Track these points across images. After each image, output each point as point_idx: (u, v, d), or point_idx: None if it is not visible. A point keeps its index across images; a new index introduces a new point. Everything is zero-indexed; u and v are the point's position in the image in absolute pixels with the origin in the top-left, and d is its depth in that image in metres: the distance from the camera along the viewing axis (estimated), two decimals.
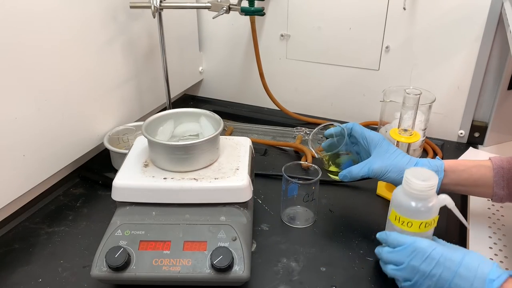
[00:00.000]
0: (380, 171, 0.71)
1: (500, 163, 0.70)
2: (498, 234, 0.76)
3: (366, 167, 0.72)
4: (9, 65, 0.71)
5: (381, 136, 0.74)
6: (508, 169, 0.69)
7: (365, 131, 0.75)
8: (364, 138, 0.74)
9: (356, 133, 0.75)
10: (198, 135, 0.77)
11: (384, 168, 0.71)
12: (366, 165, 0.72)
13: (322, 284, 0.66)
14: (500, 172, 0.69)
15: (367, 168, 0.72)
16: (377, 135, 0.74)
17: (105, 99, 0.93)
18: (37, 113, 0.78)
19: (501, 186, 0.69)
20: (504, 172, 0.69)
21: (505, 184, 0.69)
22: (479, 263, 0.57)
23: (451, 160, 0.73)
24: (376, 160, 0.72)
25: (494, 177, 0.69)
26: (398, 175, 0.70)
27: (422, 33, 1.00)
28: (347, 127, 0.76)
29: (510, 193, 0.69)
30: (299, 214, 0.79)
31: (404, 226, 0.64)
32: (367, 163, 0.72)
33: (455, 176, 0.70)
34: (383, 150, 0.72)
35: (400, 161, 0.71)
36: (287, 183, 0.75)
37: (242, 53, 1.21)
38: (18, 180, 0.77)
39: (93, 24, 0.86)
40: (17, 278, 0.67)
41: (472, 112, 1.03)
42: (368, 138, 0.74)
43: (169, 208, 0.67)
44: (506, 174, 0.69)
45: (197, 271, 0.60)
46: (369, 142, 0.74)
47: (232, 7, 0.94)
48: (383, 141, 0.73)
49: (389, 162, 0.71)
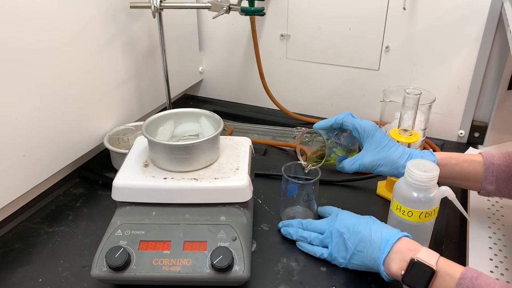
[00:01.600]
0: (371, 165, 0.71)
1: (491, 159, 0.71)
2: (498, 234, 0.76)
3: (357, 163, 0.72)
4: (9, 65, 0.71)
5: (374, 126, 0.72)
6: (499, 165, 0.70)
7: (355, 122, 0.73)
8: (356, 129, 0.73)
9: (348, 126, 0.73)
10: (198, 135, 0.77)
11: (375, 162, 0.71)
12: (357, 160, 0.72)
13: (322, 284, 0.66)
14: (491, 168, 0.70)
15: (358, 164, 0.72)
16: (369, 125, 0.72)
17: (105, 99, 0.93)
18: (37, 113, 0.78)
19: (490, 181, 0.70)
20: (494, 168, 0.70)
21: (494, 180, 0.70)
22: (382, 229, 0.63)
23: (443, 152, 0.74)
24: (367, 154, 0.72)
25: (484, 172, 0.70)
26: (390, 168, 0.71)
27: (422, 33, 1.00)
28: (337, 119, 0.73)
29: (498, 189, 0.71)
30: (299, 214, 0.79)
31: (405, 216, 0.66)
32: (358, 158, 0.72)
33: (447, 170, 0.71)
34: (375, 143, 0.71)
35: (392, 154, 0.71)
36: (287, 183, 0.75)
37: (242, 53, 1.21)
38: (18, 180, 0.77)
39: (93, 24, 0.86)
40: (17, 278, 0.67)
41: (472, 112, 1.03)
42: (359, 129, 0.72)
43: (169, 208, 0.67)
44: (496, 170, 0.70)
45: (197, 271, 0.60)
46: (361, 133, 0.72)
47: (232, 7, 0.94)
48: (375, 132, 0.72)
49: (380, 155, 0.71)
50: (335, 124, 0.74)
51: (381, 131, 0.73)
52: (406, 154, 0.71)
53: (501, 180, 0.70)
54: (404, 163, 0.70)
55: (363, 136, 0.72)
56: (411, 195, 0.65)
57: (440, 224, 0.76)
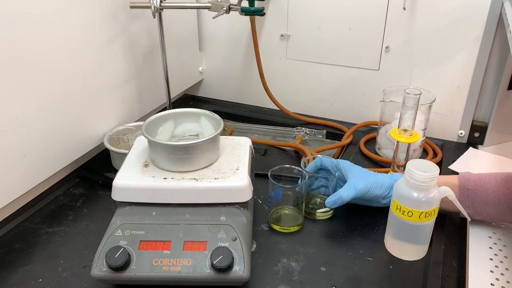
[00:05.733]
0: (365, 189, 0.74)
1: (466, 183, 0.72)
2: (498, 234, 0.76)
3: (353, 189, 0.74)
4: (9, 65, 0.71)
5: (349, 162, 0.80)
6: (473, 190, 0.72)
7: (333, 161, 0.80)
8: (338, 166, 0.79)
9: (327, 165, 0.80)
10: (198, 135, 0.77)
11: (368, 186, 0.74)
12: (351, 187, 0.74)
13: (322, 284, 0.66)
14: (465, 193, 0.72)
15: (354, 189, 0.74)
16: (345, 162, 0.80)
17: (105, 99, 0.93)
18: (37, 113, 0.78)
19: (467, 205, 0.72)
20: (469, 193, 0.72)
21: (470, 204, 0.72)
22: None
23: None
24: (357, 181, 0.75)
25: (460, 197, 0.72)
26: (380, 190, 0.74)
27: (422, 33, 1.00)
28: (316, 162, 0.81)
29: (476, 212, 0.72)
30: (287, 216, 0.78)
31: (405, 216, 0.66)
32: (351, 185, 0.74)
33: None
34: (358, 172, 0.77)
35: (380, 178, 0.75)
36: (273, 187, 0.75)
37: (242, 53, 1.21)
38: (18, 180, 0.77)
39: (93, 24, 0.86)
40: (17, 278, 0.67)
41: (472, 112, 1.03)
42: (341, 164, 0.79)
43: (169, 208, 0.67)
44: (471, 195, 0.72)
45: (197, 271, 0.60)
46: (344, 167, 0.78)
47: (232, 7, 0.94)
48: (352, 166, 0.79)
49: (370, 180, 0.75)
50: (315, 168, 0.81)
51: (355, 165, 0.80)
52: (392, 177, 0.76)
53: (477, 204, 0.72)
54: (391, 182, 0.74)
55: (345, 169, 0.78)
56: (411, 195, 0.65)
57: (440, 224, 0.76)
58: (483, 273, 0.68)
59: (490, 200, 0.71)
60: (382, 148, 0.99)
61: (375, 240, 0.74)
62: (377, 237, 0.75)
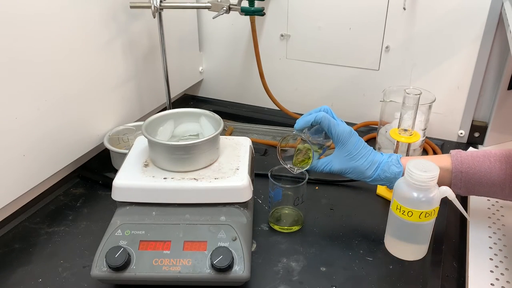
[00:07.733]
0: (340, 171, 0.73)
1: (460, 166, 0.71)
2: (498, 234, 0.76)
3: (328, 167, 0.73)
4: (9, 65, 0.71)
5: (348, 132, 0.71)
6: (466, 172, 0.71)
7: (331, 125, 0.71)
8: (330, 133, 0.72)
9: (324, 127, 0.72)
10: (198, 135, 0.77)
11: (343, 170, 0.73)
12: (328, 164, 0.73)
13: (322, 284, 0.66)
14: (459, 176, 0.71)
15: (328, 168, 0.73)
16: (343, 132, 0.71)
17: (105, 99, 0.93)
18: (37, 113, 0.78)
19: (458, 187, 0.72)
20: (462, 175, 0.71)
21: (462, 185, 0.72)
22: None
23: (411, 157, 0.74)
24: (337, 161, 0.73)
25: (453, 179, 0.72)
26: (357, 177, 0.73)
27: (422, 33, 1.00)
28: (316, 119, 0.72)
29: (467, 191, 0.72)
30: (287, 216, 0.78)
31: (405, 216, 0.67)
32: (329, 162, 0.73)
33: None
34: (345, 150, 0.71)
35: (361, 166, 0.71)
36: (273, 187, 0.75)
37: (242, 53, 1.21)
38: (18, 180, 0.77)
39: (93, 24, 0.86)
40: (17, 278, 0.67)
41: (472, 112, 1.03)
42: (334, 134, 0.71)
43: (169, 208, 0.67)
44: (464, 177, 0.71)
45: (197, 271, 0.60)
46: (334, 138, 0.72)
47: (232, 7, 0.94)
48: (348, 139, 0.71)
49: (348, 165, 0.72)
50: (314, 123, 0.73)
51: (356, 137, 0.72)
52: (374, 165, 0.72)
53: (470, 185, 0.71)
54: (371, 174, 0.72)
55: (336, 141, 0.72)
56: (411, 195, 0.65)
57: (440, 224, 0.76)
58: (483, 273, 0.68)
59: (483, 182, 0.71)
60: (382, 148, 0.99)
61: (375, 240, 0.74)
62: (377, 237, 0.75)
